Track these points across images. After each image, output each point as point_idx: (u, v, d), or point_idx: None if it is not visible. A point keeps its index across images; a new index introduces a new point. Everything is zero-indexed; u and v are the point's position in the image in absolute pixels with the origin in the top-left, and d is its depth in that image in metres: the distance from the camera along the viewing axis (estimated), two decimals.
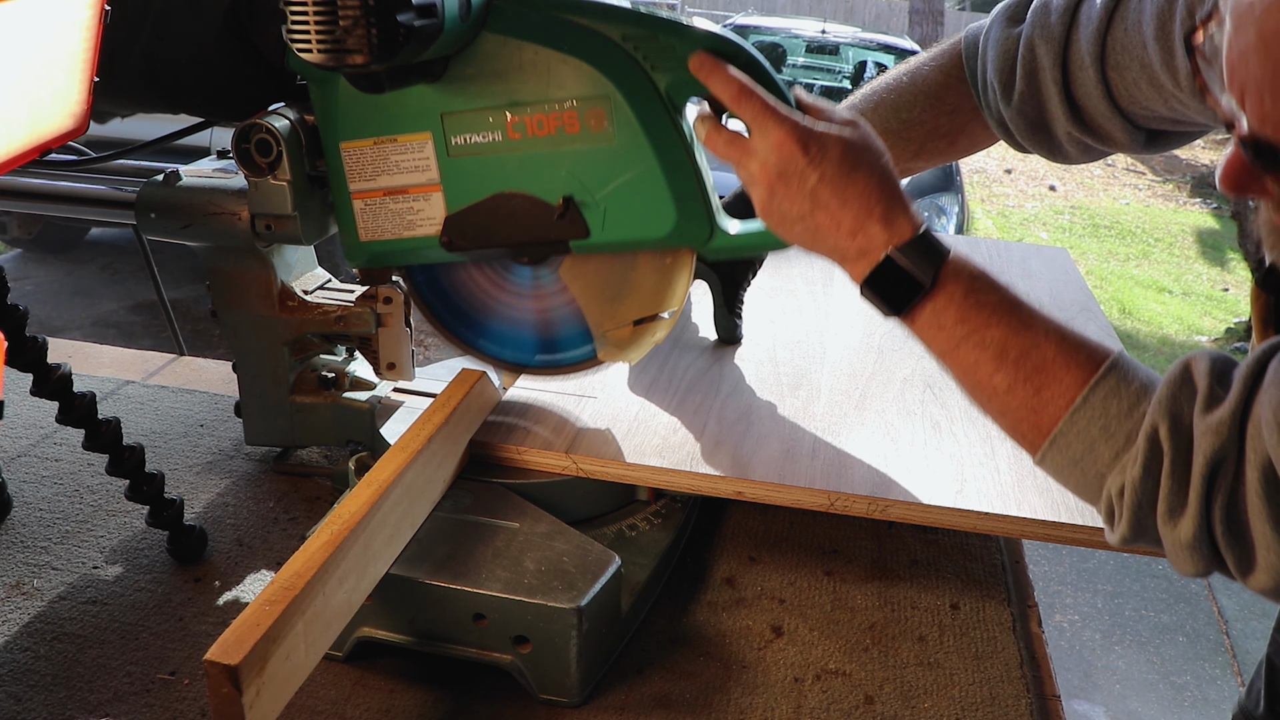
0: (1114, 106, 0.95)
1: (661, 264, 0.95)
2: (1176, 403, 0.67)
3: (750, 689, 0.87)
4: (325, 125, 0.95)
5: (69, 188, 1.10)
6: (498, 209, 0.92)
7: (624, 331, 0.98)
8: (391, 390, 1.15)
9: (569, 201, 0.89)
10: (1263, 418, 0.63)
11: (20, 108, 0.78)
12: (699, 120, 0.84)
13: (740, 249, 0.91)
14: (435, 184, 0.93)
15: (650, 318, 0.97)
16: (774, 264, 1.20)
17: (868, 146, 0.79)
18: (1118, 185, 9.48)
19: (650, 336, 0.97)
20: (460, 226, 0.93)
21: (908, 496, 0.89)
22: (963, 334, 0.75)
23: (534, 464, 0.96)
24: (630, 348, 0.98)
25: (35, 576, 0.98)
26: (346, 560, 0.75)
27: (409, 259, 0.98)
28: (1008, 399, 0.74)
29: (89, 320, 4.72)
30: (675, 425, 0.99)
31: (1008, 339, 0.74)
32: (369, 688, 0.85)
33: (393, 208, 0.95)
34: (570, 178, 0.89)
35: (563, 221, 0.90)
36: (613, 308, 0.98)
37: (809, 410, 1.03)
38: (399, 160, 0.93)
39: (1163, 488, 0.67)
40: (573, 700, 0.84)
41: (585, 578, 0.83)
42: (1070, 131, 0.99)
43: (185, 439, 1.23)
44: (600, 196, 0.89)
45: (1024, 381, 0.73)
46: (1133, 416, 0.69)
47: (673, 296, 0.95)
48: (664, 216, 0.88)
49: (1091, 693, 2.89)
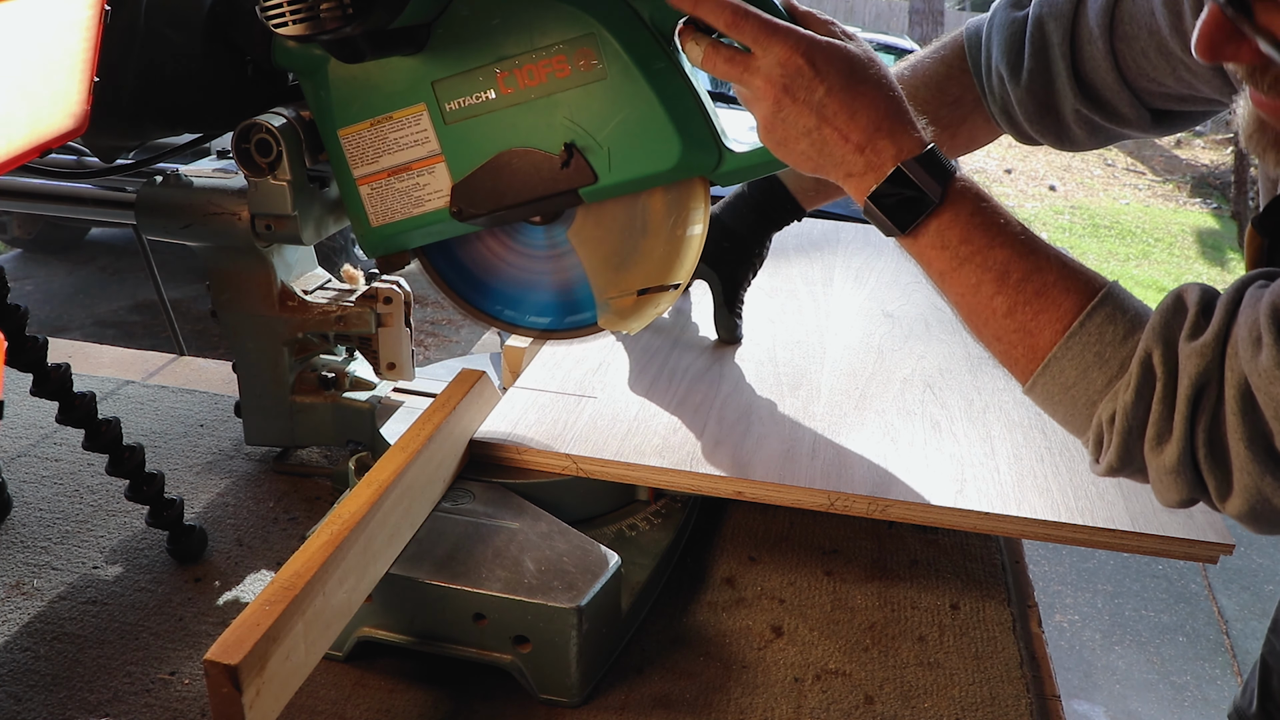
0: (1122, 79, 0.95)
1: (673, 235, 0.94)
2: (1170, 329, 0.67)
3: (750, 689, 0.87)
4: (321, 116, 0.95)
5: (69, 188, 1.10)
6: (502, 169, 0.91)
7: (627, 300, 0.97)
8: (391, 390, 1.15)
9: (570, 148, 0.88)
10: (1239, 337, 0.64)
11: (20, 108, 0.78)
12: (691, 42, 0.82)
13: (753, 169, 0.89)
14: (437, 155, 0.93)
15: (655, 288, 0.96)
16: (774, 264, 1.20)
17: (872, 60, 0.78)
18: (1118, 185, 9.48)
19: (653, 308, 0.96)
20: (468, 193, 0.93)
21: (908, 496, 0.89)
22: (966, 254, 0.74)
23: (534, 464, 0.95)
24: (632, 317, 0.98)
25: (35, 576, 0.98)
26: (346, 560, 0.75)
27: (423, 238, 0.98)
28: (1006, 322, 0.74)
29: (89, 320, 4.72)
30: (675, 425, 0.99)
31: (1011, 261, 0.73)
32: (369, 688, 0.85)
33: (399, 187, 0.95)
34: (569, 124, 0.88)
35: (568, 170, 0.89)
36: (618, 276, 0.97)
37: (809, 410, 1.03)
38: (398, 138, 0.93)
39: (1153, 413, 0.67)
40: (573, 700, 0.84)
41: (585, 578, 0.83)
42: (1078, 109, 0.98)
43: (185, 439, 1.23)
44: (602, 138, 0.88)
45: (1024, 305, 0.72)
46: (1127, 344, 0.69)
47: (680, 269, 0.95)
48: (669, 146, 0.87)
49: (1091, 693, 2.89)
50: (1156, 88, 0.94)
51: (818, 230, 1.56)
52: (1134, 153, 10.58)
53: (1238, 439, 0.65)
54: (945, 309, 1.29)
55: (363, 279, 1.14)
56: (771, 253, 1.19)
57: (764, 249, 1.17)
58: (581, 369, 1.09)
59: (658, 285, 0.96)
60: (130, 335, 4.55)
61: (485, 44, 0.87)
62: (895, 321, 1.25)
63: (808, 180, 1.14)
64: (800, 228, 1.20)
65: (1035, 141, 1.07)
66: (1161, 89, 0.94)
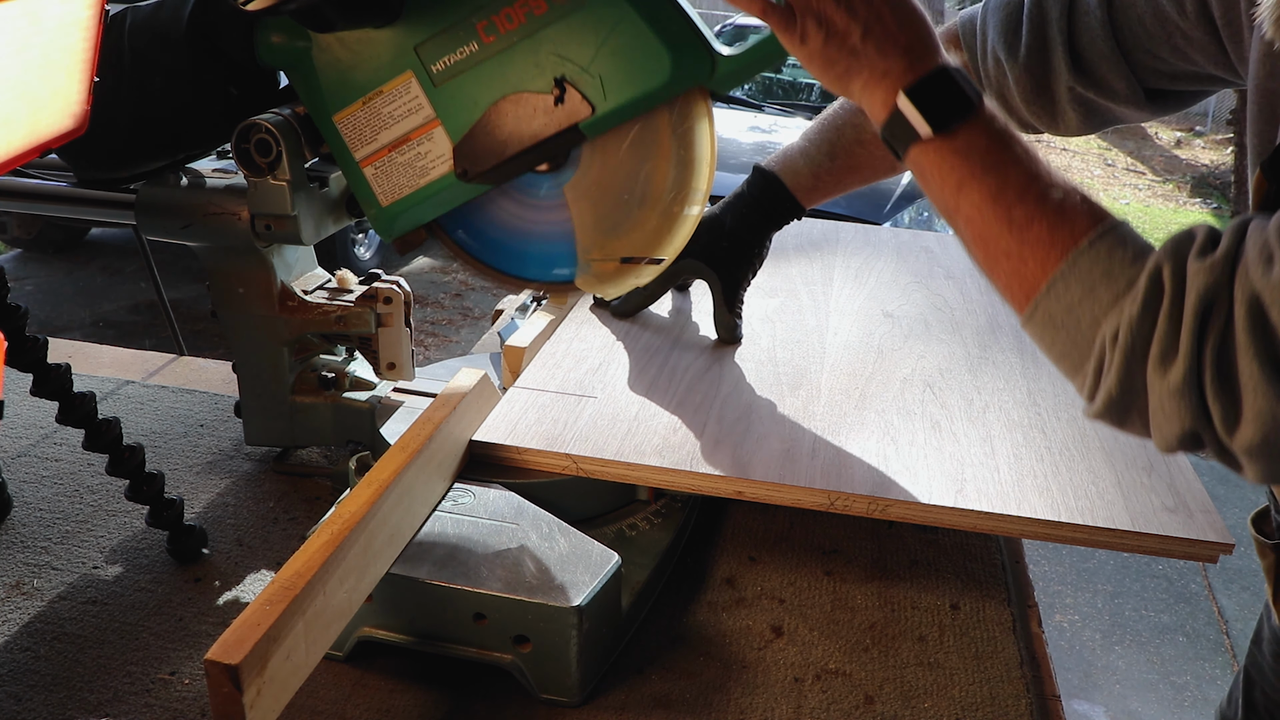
0: (1118, 50, 0.95)
1: (669, 210, 0.94)
2: (1181, 248, 0.67)
3: (750, 689, 0.87)
4: (314, 106, 0.95)
5: (69, 188, 1.10)
6: (499, 120, 0.91)
7: (609, 265, 0.98)
8: (391, 390, 1.15)
9: (561, 83, 0.89)
10: (1249, 257, 0.63)
11: (20, 108, 0.78)
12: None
13: (749, 68, 0.89)
14: (432, 120, 0.93)
15: (639, 259, 0.96)
16: (774, 264, 1.20)
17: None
18: (1118, 185, 9.48)
19: (633, 278, 0.97)
20: (470, 152, 0.93)
21: (908, 496, 0.89)
22: (993, 161, 0.74)
23: (534, 464, 0.95)
24: (609, 283, 0.98)
25: (35, 576, 0.98)
26: (347, 560, 0.75)
27: (435, 208, 0.98)
28: (1023, 233, 0.72)
29: (89, 320, 4.73)
30: (675, 425, 0.99)
31: (1034, 175, 0.73)
32: (369, 688, 0.85)
33: (401, 161, 0.95)
34: (556, 59, 0.88)
35: (563, 106, 0.89)
36: (606, 240, 0.97)
37: (809, 410, 1.03)
38: (391, 111, 0.93)
39: (1159, 328, 0.66)
40: (573, 700, 0.84)
41: (585, 577, 0.83)
42: (1072, 86, 0.99)
43: (185, 439, 1.23)
44: (590, 66, 0.88)
45: (1043, 217, 0.71)
46: (1136, 265, 0.68)
47: (669, 245, 0.95)
48: (658, 60, 0.87)
49: (1091, 693, 2.89)
50: (1151, 61, 0.95)
51: (818, 230, 1.56)
52: (1134, 153, 10.58)
53: (1249, 358, 0.62)
54: (945, 308, 1.29)
55: (354, 282, 1.14)
56: (771, 253, 1.19)
57: (764, 248, 1.17)
58: (581, 369, 1.09)
59: (642, 256, 0.96)
60: (130, 335, 4.55)
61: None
62: (895, 321, 1.25)
63: (806, 178, 1.14)
64: (800, 228, 1.20)
65: (1032, 128, 1.07)
66: (1156, 62, 0.95)
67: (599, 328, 1.19)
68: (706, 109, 0.92)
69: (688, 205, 0.94)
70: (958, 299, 1.33)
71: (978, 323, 1.25)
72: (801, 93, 6.72)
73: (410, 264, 5.62)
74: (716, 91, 0.91)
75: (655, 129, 0.93)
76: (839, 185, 1.16)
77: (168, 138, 1.02)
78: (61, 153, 1.05)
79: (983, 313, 1.29)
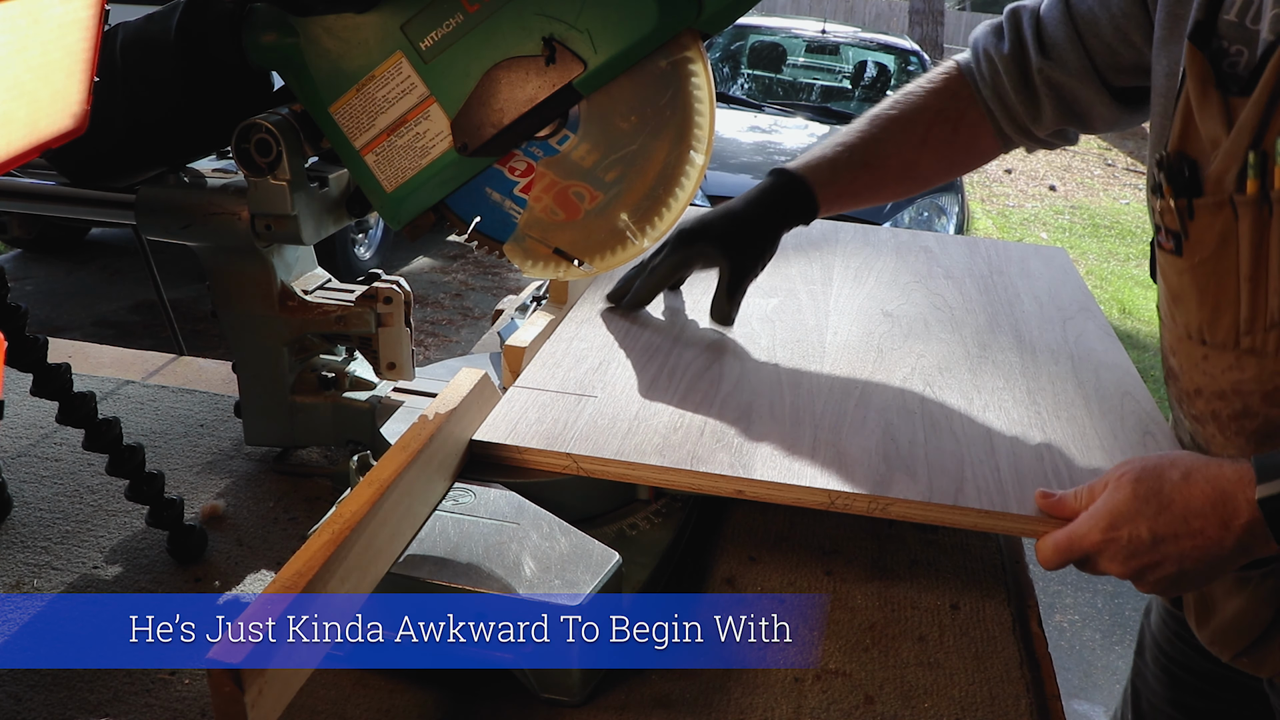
0: (1075, 33, 1.06)
1: (620, 230, 0.96)
2: None
3: (750, 689, 0.87)
4: (310, 101, 0.95)
5: (69, 188, 1.10)
6: (493, 88, 0.91)
7: (541, 249, 0.99)
8: (391, 390, 1.15)
9: (550, 42, 0.89)
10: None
11: (20, 108, 0.78)
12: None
13: (737, 5, 0.90)
14: (427, 97, 0.93)
15: (568, 256, 0.98)
16: (774, 264, 1.20)
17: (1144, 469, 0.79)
18: (1118, 185, 9.48)
19: (555, 269, 0.99)
20: (468, 125, 0.93)
21: (908, 496, 0.89)
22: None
23: (534, 464, 0.95)
24: (532, 264, 1.00)
25: (35, 576, 0.98)
26: (347, 560, 0.75)
27: (440, 189, 0.98)
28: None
29: (89, 320, 4.72)
30: (675, 424, 0.99)
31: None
32: (369, 688, 0.85)
33: (401, 144, 0.95)
34: (541, 18, 0.89)
35: (555, 66, 0.89)
36: (549, 226, 0.98)
37: (809, 409, 1.03)
38: (385, 94, 0.93)
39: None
40: (573, 700, 0.84)
41: (586, 577, 0.83)
42: (1041, 68, 1.08)
43: (185, 439, 1.23)
44: (578, 21, 0.88)
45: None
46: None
47: (603, 260, 0.97)
48: (645, 6, 0.87)
49: (1091, 693, 2.89)
50: (1106, 53, 1.05)
51: (817, 230, 1.56)
52: (1134, 153, 10.58)
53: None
54: (945, 308, 1.30)
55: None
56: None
57: (774, 245, 1.17)
58: (581, 368, 1.09)
59: (572, 255, 0.97)
60: (130, 335, 4.55)
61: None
62: (895, 321, 1.25)
63: (826, 175, 1.16)
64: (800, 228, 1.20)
65: (1027, 131, 1.15)
66: (1112, 56, 1.04)
67: (599, 327, 1.19)
68: (699, 51, 0.92)
69: (649, 232, 0.95)
70: (957, 299, 1.33)
71: (977, 322, 1.26)
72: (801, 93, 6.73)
73: (410, 264, 5.62)
74: (707, 33, 0.91)
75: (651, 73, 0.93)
76: (867, 196, 1.22)
77: (162, 147, 1.02)
78: (55, 163, 1.05)
79: (982, 312, 1.29)
